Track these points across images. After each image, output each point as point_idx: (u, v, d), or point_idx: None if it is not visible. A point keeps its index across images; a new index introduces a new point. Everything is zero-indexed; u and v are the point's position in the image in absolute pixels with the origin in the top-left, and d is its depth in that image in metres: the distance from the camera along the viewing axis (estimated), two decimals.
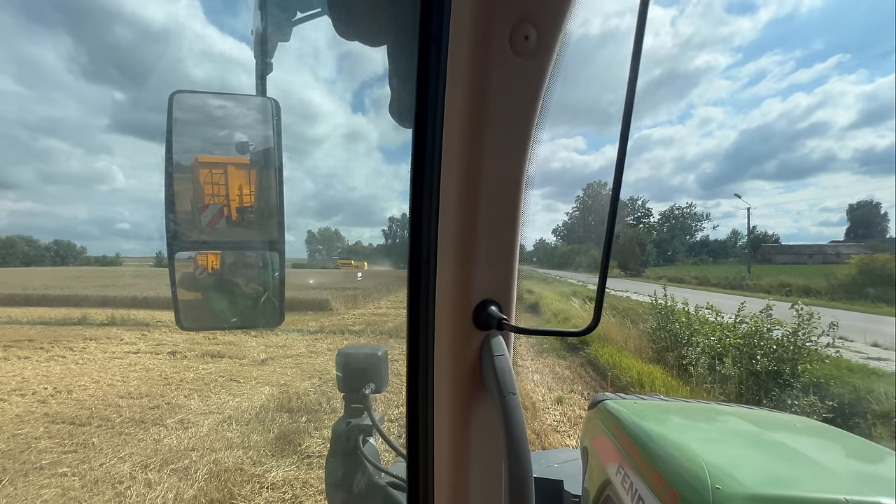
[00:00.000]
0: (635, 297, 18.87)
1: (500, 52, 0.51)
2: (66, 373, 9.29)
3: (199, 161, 0.87)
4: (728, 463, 0.96)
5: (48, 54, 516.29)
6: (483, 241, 0.58)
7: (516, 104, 0.54)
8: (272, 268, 0.85)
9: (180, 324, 0.82)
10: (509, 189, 0.58)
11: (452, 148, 0.55)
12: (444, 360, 0.61)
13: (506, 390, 0.53)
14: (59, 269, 77.28)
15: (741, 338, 7.15)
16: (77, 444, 5.75)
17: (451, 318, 0.59)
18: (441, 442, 0.63)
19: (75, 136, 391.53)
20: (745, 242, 64.00)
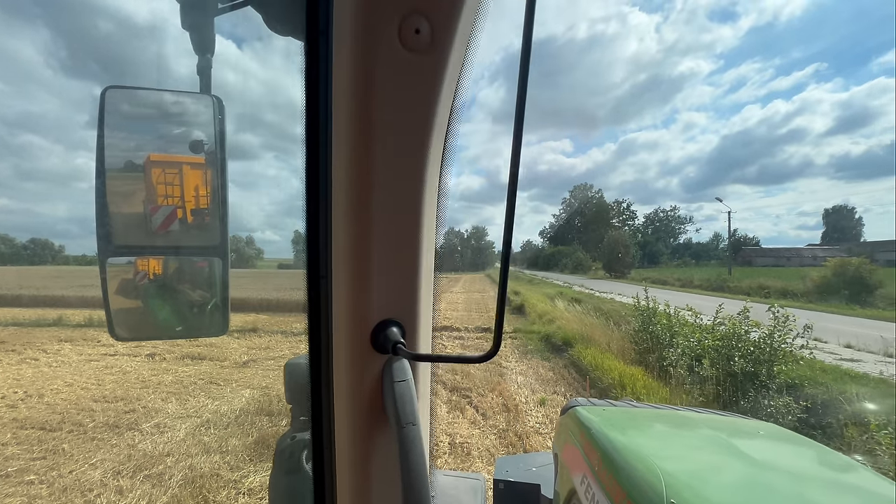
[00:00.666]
0: (619, 299, 19.09)
1: (388, 47, 0.47)
2: (38, 376, 9.01)
3: (150, 160, 0.83)
4: (687, 475, 0.97)
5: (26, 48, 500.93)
6: (381, 257, 0.53)
7: (411, 102, 0.50)
8: (218, 274, 0.81)
9: (114, 334, 0.77)
10: (408, 196, 0.53)
11: (341, 152, 0.50)
12: (343, 386, 0.56)
13: (404, 420, 0.49)
14: (35, 268, 75.10)
15: (720, 339, 7.27)
16: (46, 451, 5.56)
17: (348, 341, 0.55)
18: (343, 474, 0.58)
19: (54, 132, 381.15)
20: (727, 245, 65.36)
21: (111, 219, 0.74)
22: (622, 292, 22.79)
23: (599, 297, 21.51)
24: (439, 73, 0.50)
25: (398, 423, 0.49)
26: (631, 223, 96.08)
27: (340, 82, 0.49)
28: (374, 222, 0.52)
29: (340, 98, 0.49)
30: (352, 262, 0.53)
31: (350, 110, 0.49)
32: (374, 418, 0.56)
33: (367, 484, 0.57)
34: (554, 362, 10.14)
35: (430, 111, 0.51)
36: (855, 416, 5.26)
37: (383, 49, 0.47)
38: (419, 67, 0.49)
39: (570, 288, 28.77)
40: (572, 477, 1.37)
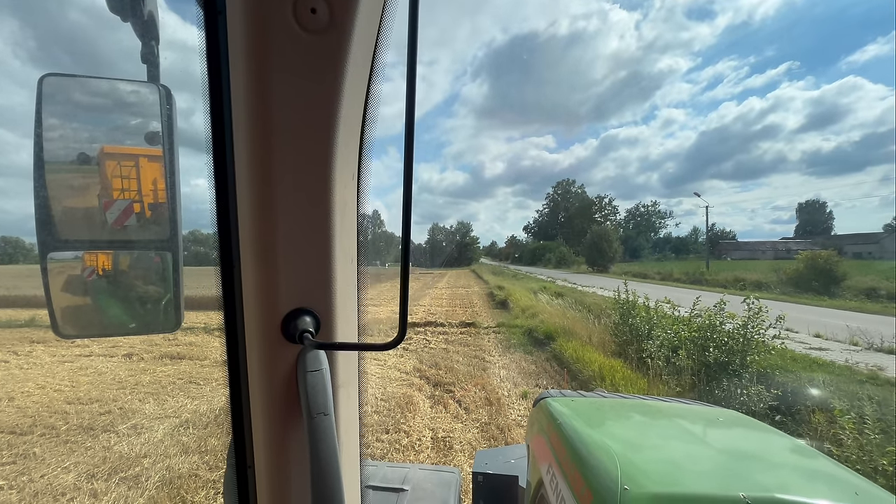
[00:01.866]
0: (601, 293, 19.39)
1: (283, 27, 0.45)
2: (7, 378, 8.71)
3: (104, 152, 0.80)
4: (642, 461, 0.99)
5: None
6: (288, 245, 0.52)
7: (311, 85, 0.48)
8: (170, 269, 0.80)
9: (58, 331, 0.76)
10: (314, 182, 0.51)
11: (241, 136, 0.49)
12: (256, 377, 0.56)
13: (315, 411, 0.48)
14: (6, 267, 72.41)
15: (696, 331, 7.46)
16: (17, 455, 5.40)
17: (259, 331, 0.54)
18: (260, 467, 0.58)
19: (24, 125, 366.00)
20: (705, 239, 66.85)
21: (54, 213, 0.71)
22: (604, 286, 23.16)
23: (582, 291, 21.81)
24: (341, 54, 0.48)
25: (309, 414, 0.49)
26: (613, 218, 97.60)
27: (237, 65, 0.47)
28: (280, 211, 0.51)
29: (238, 80, 0.47)
30: (259, 251, 0.51)
31: (248, 95, 0.47)
32: (288, 410, 0.55)
33: (285, 476, 0.56)
34: (536, 356, 10.26)
35: (334, 92, 0.49)
36: (822, 403, 5.47)
37: (278, 30, 0.45)
38: (318, 49, 0.47)
39: (553, 282, 29.10)
40: (539, 467, 1.40)
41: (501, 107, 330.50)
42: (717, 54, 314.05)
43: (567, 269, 60.50)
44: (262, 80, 0.46)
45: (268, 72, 0.46)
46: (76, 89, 0.75)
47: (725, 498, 0.82)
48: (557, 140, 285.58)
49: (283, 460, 0.56)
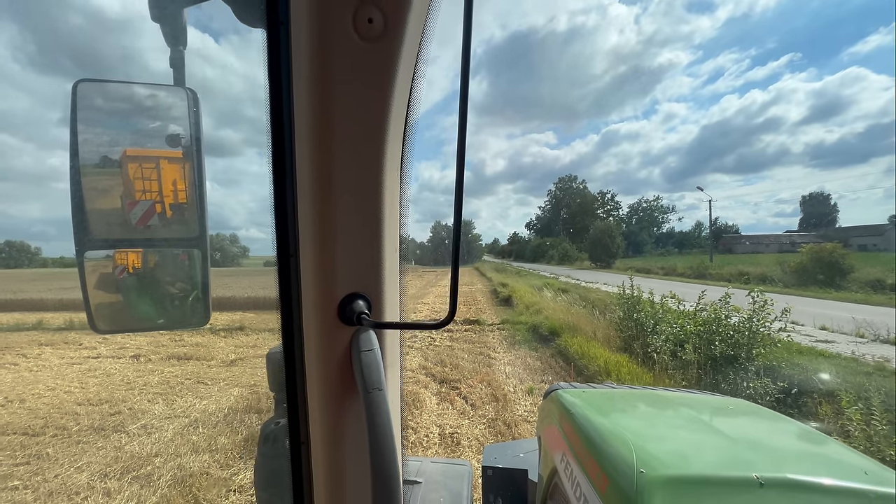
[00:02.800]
0: (605, 289, 19.37)
1: (343, 36, 0.49)
2: (18, 381, 8.80)
3: (127, 154, 0.82)
4: (656, 447, 1.01)
5: None
6: (344, 235, 0.56)
7: (368, 89, 0.52)
8: (198, 266, 0.83)
9: (95, 327, 0.79)
10: (369, 179, 0.56)
11: (302, 137, 0.53)
12: (313, 358, 0.60)
13: (370, 386, 0.52)
14: (11, 271, 72.90)
15: (701, 325, 7.45)
16: (30, 456, 5.47)
17: (317, 315, 0.58)
18: (316, 442, 0.62)
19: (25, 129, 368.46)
20: (708, 233, 66.56)
21: (88, 214, 0.74)
22: (608, 282, 23.13)
23: (585, 287, 21.79)
24: (393, 60, 0.52)
25: (365, 389, 0.52)
26: (615, 213, 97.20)
27: (300, 71, 0.51)
28: (337, 203, 0.55)
29: (301, 86, 0.52)
30: (318, 241, 0.56)
31: (310, 98, 0.51)
32: (344, 387, 0.59)
33: (341, 450, 0.60)
34: (541, 352, 10.28)
35: (386, 97, 0.53)
36: (829, 395, 5.47)
37: (339, 38, 0.49)
38: (373, 55, 0.51)
39: (556, 279, 29.07)
40: (553, 456, 1.41)
41: (502, 104, 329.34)
42: (717, 47, 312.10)
43: (570, 265, 60.41)
44: (324, 86, 0.50)
45: (329, 78, 0.50)
46: (108, 94, 0.77)
47: (738, 479, 0.84)
48: (558, 136, 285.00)
49: (339, 434, 0.60)
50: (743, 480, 0.84)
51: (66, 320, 15.77)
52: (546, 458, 1.55)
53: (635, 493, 0.85)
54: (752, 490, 0.82)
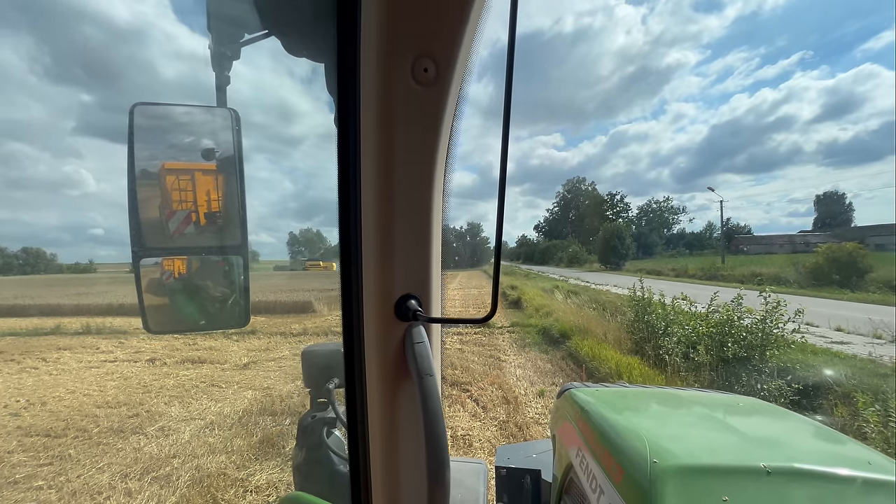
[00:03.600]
0: (615, 291, 19.26)
1: (403, 82, 0.60)
2: (39, 384, 9.01)
3: (165, 168, 0.89)
4: (668, 440, 1.04)
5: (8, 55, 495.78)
6: (400, 245, 0.66)
7: (421, 125, 0.63)
8: (238, 271, 0.90)
9: (148, 328, 0.86)
10: (422, 198, 0.67)
11: (369, 163, 0.64)
12: (372, 350, 0.69)
13: (423, 373, 0.61)
14: (29, 277, 74.37)
15: (713, 326, 7.40)
16: (53, 457, 5.62)
17: (376, 312, 0.67)
18: (374, 421, 0.71)
19: (41, 139, 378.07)
20: (720, 234, 65.73)
21: (141, 224, 0.82)
22: (618, 284, 22.98)
23: (595, 289, 21.68)
24: (442, 101, 0.63)
25: (419, 375, 0.61)
26: (625, 215, 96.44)
27: (367, 108, 0.62)
28: (396, 216, 0.65)
29: (368, 119, 0.63)
30: (379, 252, 0.66)
31: (376, 130, 0.62)
32: (398, 375, 0.68)
33: (395, 427, 0.70)
34: (552, 354, 10.26)
35: (436, 130, 0.65)
36: (845, 396, 5.40)
37: (400, 83, 0.60)
38: (427, 98, 0.62)
39: (565, 281, 28.94)
40: (568, 451, 1.44)
41: None
42: (726, 46, 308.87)
43: (579, 267, 60.03)
44: (388, 121, 0.61)
45: (391, 115, 0.61)
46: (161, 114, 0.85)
47: (746, 468, 0.87)
48: (566, 138, 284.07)
49: (394, 414, 0.69)
50: (751, 469, 0.87)
51: (82, 325, 16.09)
52: (561, 454, 1.58)
53: (649, 481, 0.89)
54: (759, 478, 0.85)
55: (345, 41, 0.63)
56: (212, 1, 0.90)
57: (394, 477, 0.71)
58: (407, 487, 0.72)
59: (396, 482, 0.72)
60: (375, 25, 0.58)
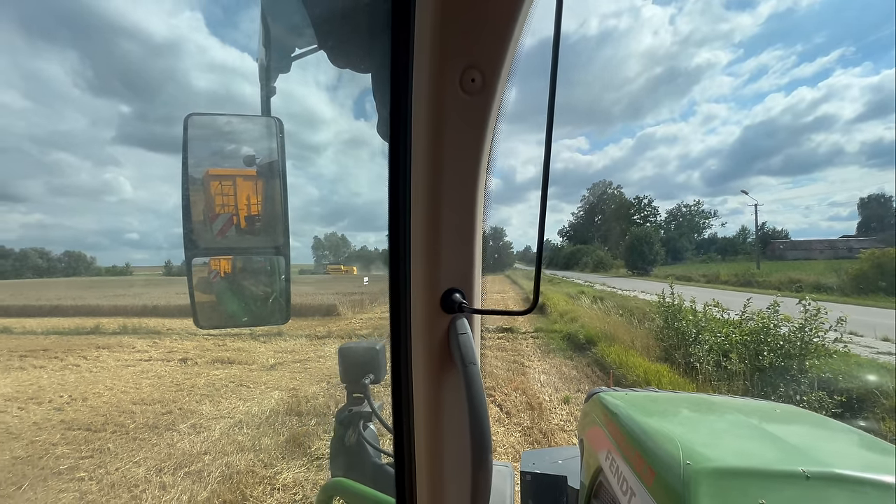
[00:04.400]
0: (643, 297, 18.78)
1: (451, 91, 0.65)
2: (80, 381, 9.47)
3: (209, 174, 0.96)
4: (701, 443, 1.02)
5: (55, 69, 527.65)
6: (446, 242, 0.70)
7: (468, 132, 0.68)
8: (279, 271, 0.94)
9: (198, 323, 0.91)
10: (467, 198, 0.71)
11: (419, 165, 0.68)
12: (419, 340, 0.73)
13: (467, 361, 0.65)
14: (70, 279, 78.34)
15: (748, 334, 7.12)
16: (93, 450, 5.88)
17: (423, 305, 0.71)
18: (419, 408, 0.75)
19: (83, 148, 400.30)
20: (754, 239, 63.25)
21: (193, 225, 0.88)
22: (645, 290, 22.43)
23: (622, 294, 21.20)
24: (487, 109, 0.68)
25: (463, 364, 0.65)
26: (653, 219, 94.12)
27: (418, 114, 0.67)
28: (443, 215, 0.70)
29: (418, 125, 0.67)
30: (427, 248, 0.71)
31: (426, 135, 0.67)
32: (443, 365, 0.73)
33: (440, 414, 0.74)
34: (577, 361, 10.09)
35: (481, 135, 0.70)
36: (893, 410, 5.10)
37: (449, 92, 0.65)
38: (473, 106, 0.67)
39: (591, 286, 28.42)
40: (598, 455, 1.42)
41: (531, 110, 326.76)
42: (760, 44, 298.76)
43: (605, 272, 58.87)
44: (437, 127, 0.67)
45: (442, 121, 0.67)
46: (212, 124, 0.90)
47: (784, 472, 0.84)
48: (591, 141, 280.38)
49: (439, 402, 0.73)
50: (789, 473, 0.84)
51: (119, 325, 16.83)
52: (590, 458, 1.56)
53: (682, 483, 0.87)
54: (797, 482, 0.82)
55: (398, 53, 0.67)
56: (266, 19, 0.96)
57: (437, 462, 0.75)
58: (450, 472, 0.75)
59: (440, 467, 0.75)
60: (428, 39, 0.63)
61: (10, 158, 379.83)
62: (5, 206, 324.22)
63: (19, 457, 5.75)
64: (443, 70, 0.64)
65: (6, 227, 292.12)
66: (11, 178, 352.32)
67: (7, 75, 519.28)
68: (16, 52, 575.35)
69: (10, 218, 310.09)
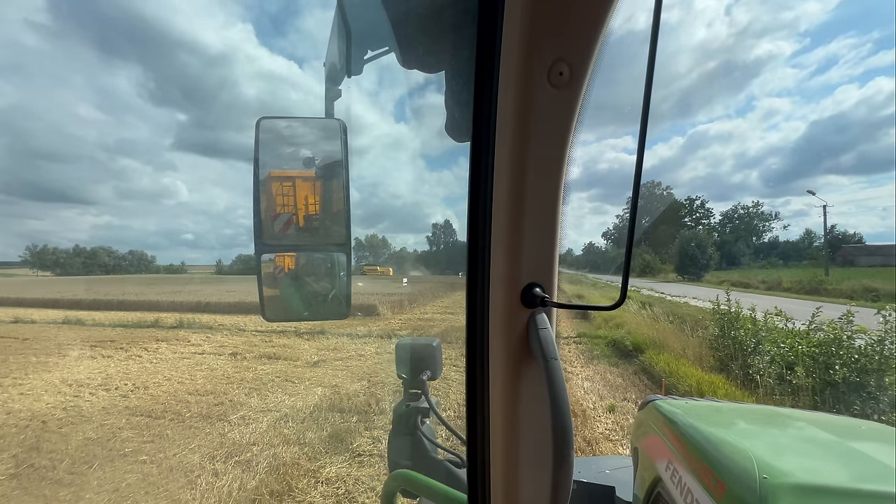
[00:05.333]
0: (694, 303, 17.86)
1: (539, 85, 0.65)
2: (142, 371, 10.17)
3: (271, 176, 1.01)
4: (777, 457, 0.95)
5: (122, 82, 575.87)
6: (528, 236, 0.70)
7: (554, 126, 0.68)
8: (339, 267, 0.96)
9: (265, 316, 0.96)
10: (549, 195, 0.71)
11: (503, 160, 0.68)
12: (497, 335, 0.73)
13: (549, 356, 0.64)
14: (134, 276, 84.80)
15: (816, 346, 6.56)
16: (154, 435, 6.28)
17: (503, 300, 0.71)
18: (496, 404, 0.75)
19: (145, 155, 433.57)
20: (822, 243, 58.54)
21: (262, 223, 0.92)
22: (697, 296, 21.31)
23: (671, 300, 20.24)
24: (573, 102, 0.68)
25: (545, 359, 0.65)
26: (705, 222, 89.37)
27: (504, 109, 0.67)
28: (526, 209, 0.69)
29: (503, 120, 0.67)
30: (508, 241, 0.70)
31: (510, 130, 0.67)
32: (521, 359, 0.72)
33: (516, 410, 0.74)
34: (623, 368, 9.71)
35: (566, 129, 0.69)
36: None
37: (537, 86, 0.65)
38: (559, 99, 0.66)
39: (637, 292, 27.33)
40: (656, 465, 1.36)
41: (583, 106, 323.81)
42: (829, 33, 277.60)
43: (652, 277, 56.49)
44: (523, 121, 0.66)
45: (528, 116, 0.66)
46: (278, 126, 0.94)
47: (876, 492, 0.78)
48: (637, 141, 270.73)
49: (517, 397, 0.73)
50: (881, 494, 0.77)
51: (176, 320, 17.96)
52: (646, 467, 1.49)
53: (758, 498, 0.83)
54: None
55: (483, 47, 0.67)
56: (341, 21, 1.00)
57: (513, 458, 0.74)
58: (526, 469, 0.75)
59: (516, 463, 0.75)
60: (518, 33, 0.62)
61: (84, 165, 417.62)
62: (81, 208, 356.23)
63: (90, 438, 6.24)
64: (531, 64, 0.63)
65: (81, 228, 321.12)
66: (85, 183, 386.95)
67: (83, 91, 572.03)
68: (91, 69, 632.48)
69: (83, 220, 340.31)
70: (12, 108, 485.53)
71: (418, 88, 3.27)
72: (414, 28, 0.87)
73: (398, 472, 1.15)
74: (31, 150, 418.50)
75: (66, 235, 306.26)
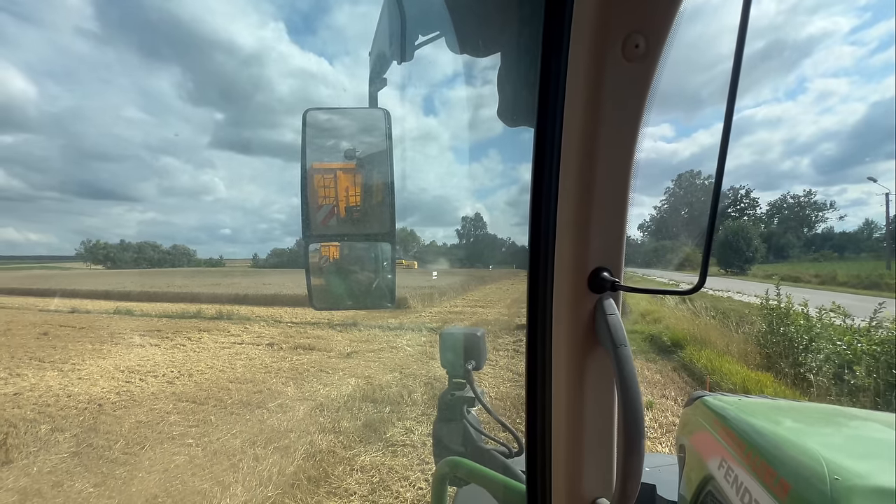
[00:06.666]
0: (738, 298, 17.06)
1: (613, 59, 0.61)
2: (186, 359, 10.67)
3: (313, 168, 1.03)
4: (848, 457, 0.90)
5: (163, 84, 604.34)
6: (597, 219, 0.67)
7: (627, 102, 0.64)
8: (382, 257, 0.94)
9: (312, 304, 0.99)
10: (620, 174, 0.67)
11: (572, 140, 0.65)
12: (561, 321, 0.70)
13: (618, 343, 0.62)
14: (177, 269, 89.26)
15: (878, 344, 6.11)
16: (198, 420, 6.58)
17: (568, 284, 0.69)
18: (559, 392, 0.73)
19: (185, 153, 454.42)
20: (884, 234, 54.44)
21: (309, 214, 0.94)
22: (742, 290, 20.35)
23: (713, 295, 19.39)
24: (648, 77, 0.64)
25: (614, 346, 0.62)
26: (751, 212, 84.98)
27: (574, 86, 0.64)
28: (595, 190, 0.66)
29: (573, 99, 0.64)
30: (575, 223, 0.68)
31: (581, 108, 0.64)
32: (586, 345, 0.69)
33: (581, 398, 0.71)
34: (661, 364, 9.39)
35: (639, 105, 0.65)
36: None
37: (610, 60, 0.61)
38: (634, 74, 0.63)
39: (676, 285, 26.38)
40: (707, 462, 1.31)
41: None
42: (892, 6, 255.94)
43: (692, 270, 54.25)
44: (595, 99, 0.63)
45: (600, 93, 0.63)
46: (322, 119, 0.96)
47: None
48: (676, 128, 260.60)
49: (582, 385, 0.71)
50: None
51: (216, 311, 18.74)
52: (696, 465, 1.44)
53: (830, 500, 0.79)
54: None
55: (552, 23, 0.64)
56: (392, 8, 0.99)
57: (577, 447, 0.72)
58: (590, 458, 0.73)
59: (580, 452, 0.72)
60: (591, 4, 0.59)
61: (131, 165, 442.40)
62: (128, 205, 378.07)
63: (142, 421, 6.61)
64: (604, 36, 0.60)
65: (128, 224, 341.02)
66: (132, 181, 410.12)
67: (129, 93, 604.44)
68: (135, 73, 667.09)
69: (130, 216, 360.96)
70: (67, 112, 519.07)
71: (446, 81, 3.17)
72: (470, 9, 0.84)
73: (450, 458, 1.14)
74: (83, 150, 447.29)
75: (115, 231, 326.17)
